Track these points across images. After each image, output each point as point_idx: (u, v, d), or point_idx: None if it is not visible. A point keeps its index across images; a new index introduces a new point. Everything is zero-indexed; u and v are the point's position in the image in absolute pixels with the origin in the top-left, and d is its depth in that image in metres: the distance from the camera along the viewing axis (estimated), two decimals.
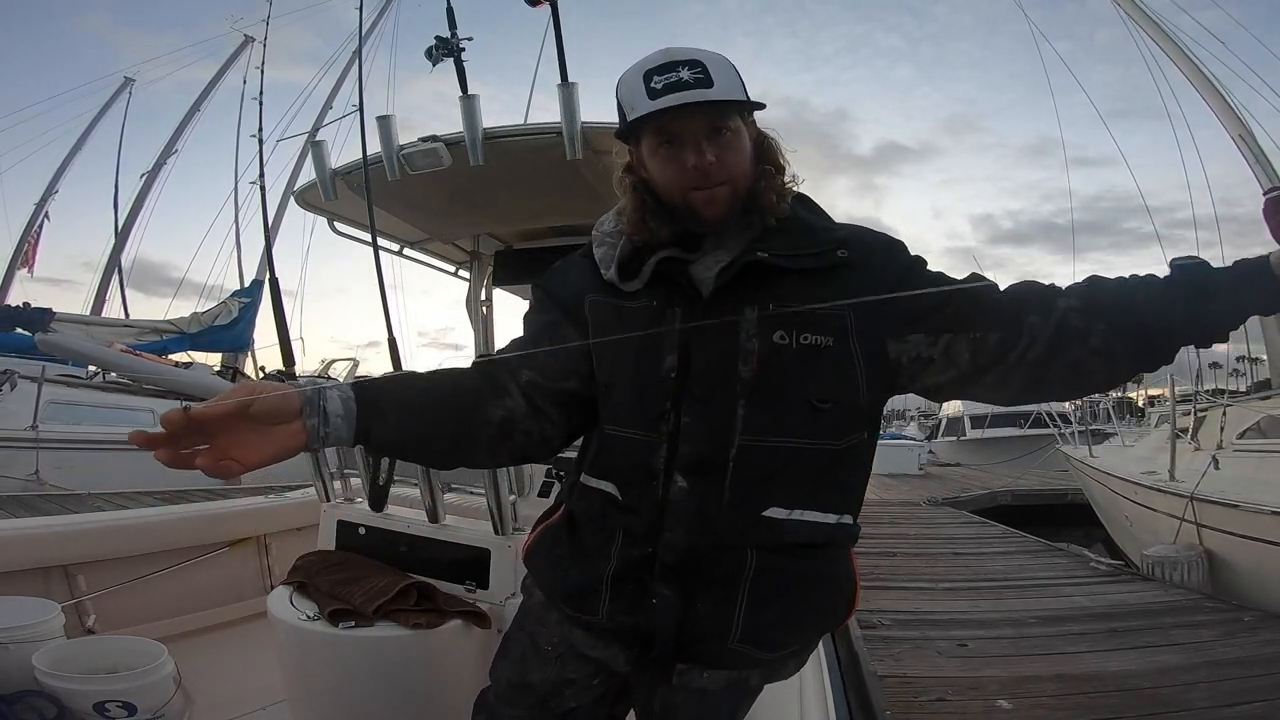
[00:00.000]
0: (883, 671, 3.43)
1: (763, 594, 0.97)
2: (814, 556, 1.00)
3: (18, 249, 17.42)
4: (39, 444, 7.92)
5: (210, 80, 18.37)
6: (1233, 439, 5.96)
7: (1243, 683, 3.32)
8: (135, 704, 1.80)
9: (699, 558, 0.96)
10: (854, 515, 1.04)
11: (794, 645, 1.05)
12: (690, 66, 0.92)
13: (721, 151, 0.94)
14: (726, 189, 0.96)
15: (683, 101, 0.90)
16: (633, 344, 0.97)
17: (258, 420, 0.88)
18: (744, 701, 1.08)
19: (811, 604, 1.02)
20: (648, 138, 0.98)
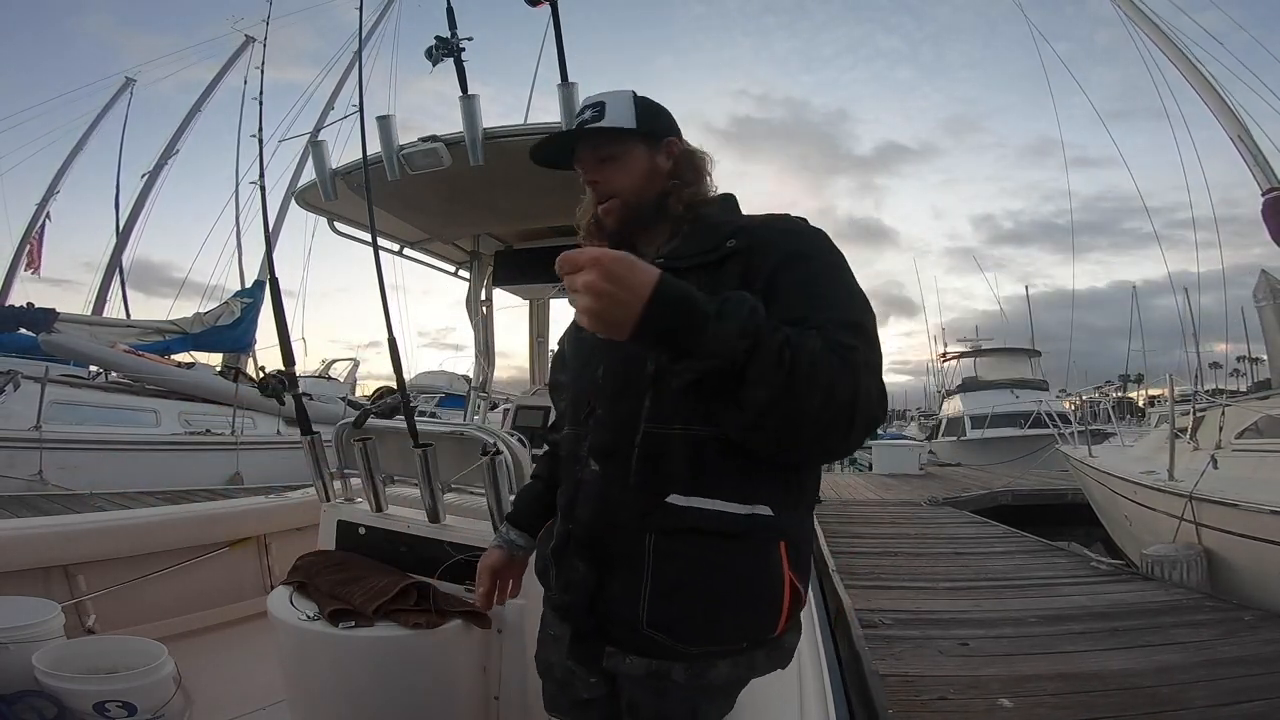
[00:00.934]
0: (884, 670, 3.43)
1: (667, 579, 1.00)
2: (720, 547, 0.99)
3: (19, 249, 17.43)
4: (42, 444, 7.93)
5: (211, 80, 18.41)
6: (1231, 439, 5.97)
7: (1242, 681, 3.33)
8: (135, 704, 1.80)
9: (605, 536, 1.04)
10: (774, 508, 1.01)
11: (710, 643, 1.02)
12: (594, 108, 1.15)
13: (607, 172, 1.15)
14: (617, 201, 1.15)
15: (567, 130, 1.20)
16: (576, 360, 1.16)
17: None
18: (703, 703, 1.07)
19: (721, 597, 1.00)
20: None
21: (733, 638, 1.03)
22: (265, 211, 2.68)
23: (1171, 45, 9.25)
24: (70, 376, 9.59)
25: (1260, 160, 7.92)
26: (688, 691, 1.04)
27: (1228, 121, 8.37)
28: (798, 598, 1.05)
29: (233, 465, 9.71)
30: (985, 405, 20.55)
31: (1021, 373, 23.07)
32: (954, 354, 27.64)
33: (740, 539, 1.00)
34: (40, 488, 7.67)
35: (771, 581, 1.02)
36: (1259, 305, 7.80)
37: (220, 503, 3.20)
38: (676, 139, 1.20)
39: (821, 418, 0.85)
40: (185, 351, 11.75)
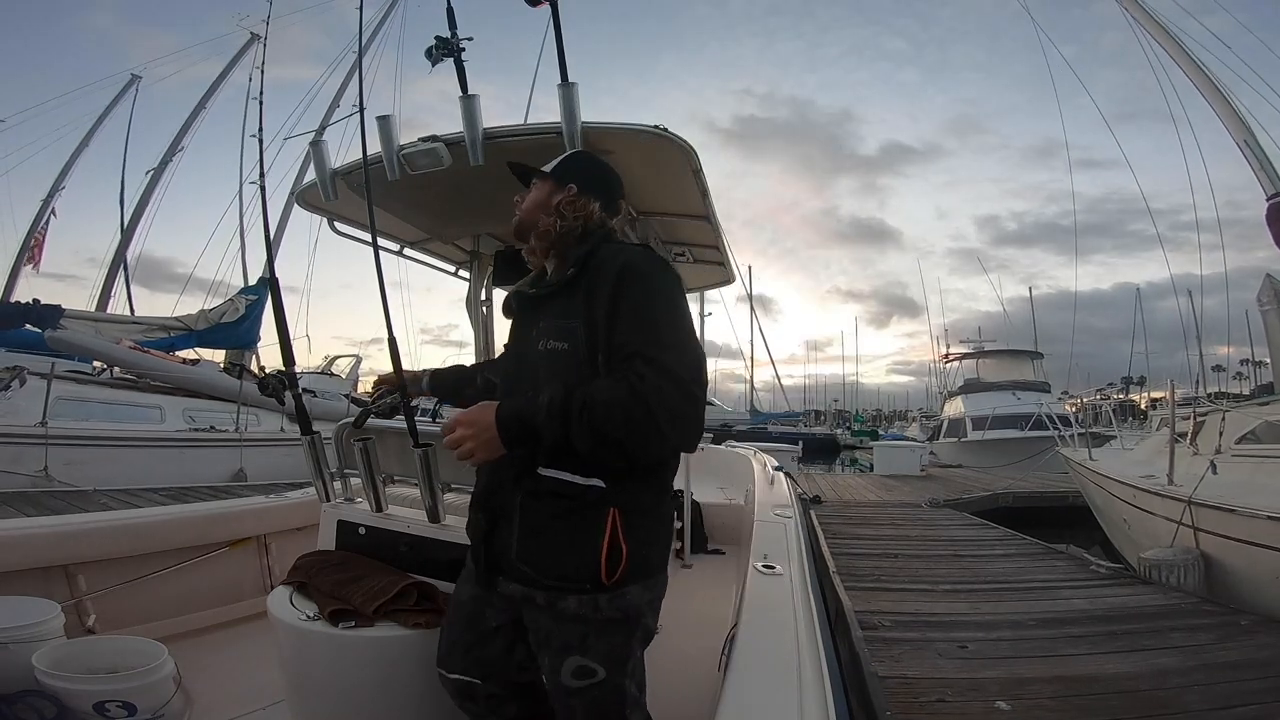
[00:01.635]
0: (883, 672, 3.44)
1: (528, 525, 1.39)
2: (564, 508, 1.35)
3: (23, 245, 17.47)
4: (48, 440, 7.95)
5: (216, 78, 18.45)
6: (1231, 444, 5.97)
7: (1239, 685, 3.33)
8: (135, 704, 1.80)
9: (493, 493, 1.46)
10: (608, 483, 1.34)
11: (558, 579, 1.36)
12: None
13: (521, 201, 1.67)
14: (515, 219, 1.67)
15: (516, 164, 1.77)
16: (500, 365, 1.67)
17: None
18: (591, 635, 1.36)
19: (564, 544, 1.36)
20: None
21: (574, 578, 1.35)
22: (265, 213, 2.68)
23: (1178, 48, 9.23)
24: (75, 373, 9.62)
25: (1265, 164, 7.90)
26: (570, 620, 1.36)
27: (1233, 125, 8.36)
28: (617, 556, 1.33)
29: (237, 462, 9.74)
30: (987, 407, 20.54)
31: (1024, 374, 23.04)
32: (956, 355, 27.63)
33: (577, 502, 1.35)
34: (45, 484, 7.70)
35: (595, 538, 1.33)
36: (1263, 309, 7.78)
37: (220, 502, 3.20)
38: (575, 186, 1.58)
39: (629, 439, 1.25)
40: (190, 348, 11.79)
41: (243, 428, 10.09)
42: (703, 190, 2.72)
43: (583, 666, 1.36)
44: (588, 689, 1.37)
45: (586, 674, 1.36)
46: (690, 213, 3.03)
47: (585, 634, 1.36)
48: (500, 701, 1.57)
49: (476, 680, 1.55)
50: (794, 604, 1.72)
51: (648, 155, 2.46)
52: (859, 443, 36.73)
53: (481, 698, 1.56)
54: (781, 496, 3.61)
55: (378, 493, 2.24)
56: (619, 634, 1.39)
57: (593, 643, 1.37)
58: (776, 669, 1.31)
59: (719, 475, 5.27)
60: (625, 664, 1.40)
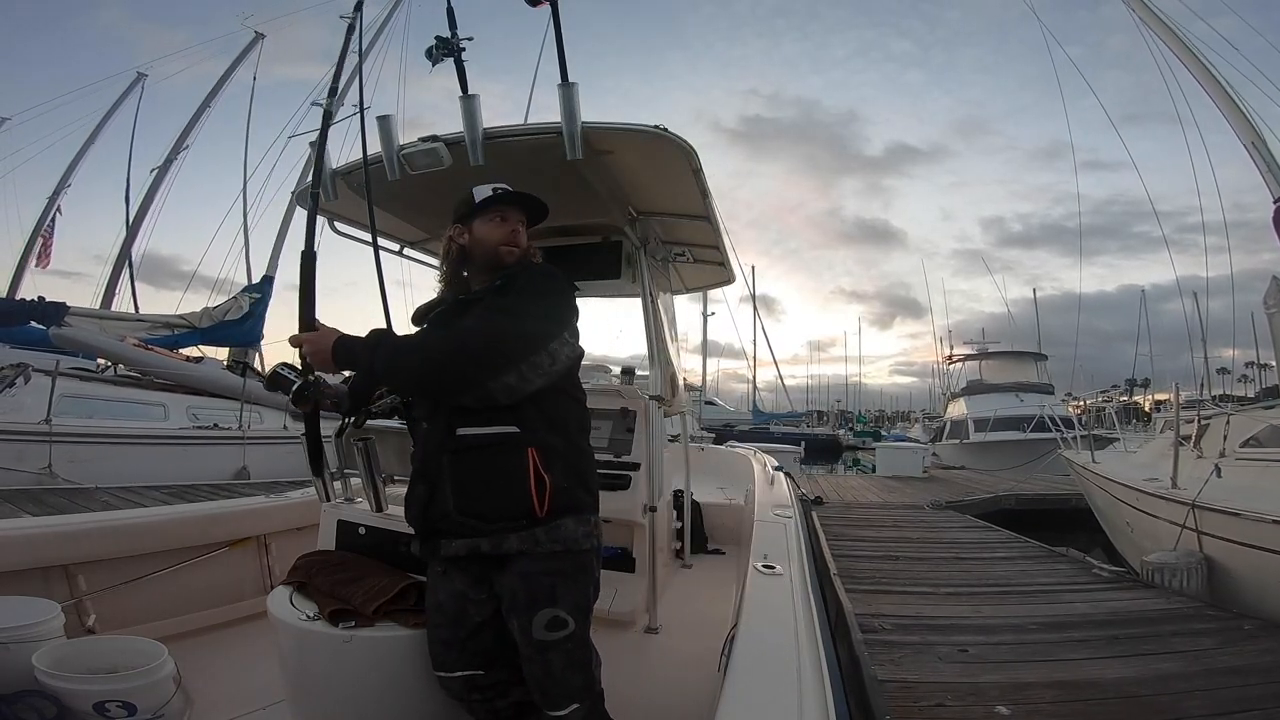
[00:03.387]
0: (883, 676, 3.43)
1: (459, 479, 1.59)
2: (488, 456, 1.58)
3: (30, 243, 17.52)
4: (52, 438, 7.97)
5: (221, 76, 18.48)
6: (1235, 447, 5.94)
7: (1241, 691, 3.32)
8: (135, 704, 1.80)
9: (427, 461, 1.65)
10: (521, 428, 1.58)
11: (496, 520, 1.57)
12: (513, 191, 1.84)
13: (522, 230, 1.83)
14: (518, 250, 1.80)
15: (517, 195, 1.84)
16: None
17: None
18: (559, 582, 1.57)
19: (496, 486, 1.57)
20: (489, 212, 1.80)
21: (511, 514, 1.56)
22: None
23: (1186, 50, 9.18)
24: (79, 370, 9.64)
25: (1273, 166, 7.87)
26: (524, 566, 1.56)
27: (1241, 127, 8.32)
28: (543, 487, 1.56)
29: (240, 459, 9.76)
30: (990, 408, 20.49)
31: (1027, 376, 22.97)
32: (960, 356, 27.57)
33: (499, 449, 1.57)
34: (49, 481, 7.73)
35: (521, 475, 1.56)
36: (1269, 311, 7.76)
37: (220, 502, 3.20)
38: None
39: (423, 369, 1.55)
40: (193, 345, 11.82)
41: (246, 425, 10.11)
42: (703, 190, 2.72)
43: (555, 618, 1.54)
44: (561, 641, 1.54)
45: (559, 625, 1.54)
46: (690, 213, 3.03)
47: (554, 585, 1.56)
48: (506, 686, 1.67)
49: (479, 672, 1.64)
50: (794, 604, 1.72)
51: (648, 155, 2.46)
52: (861, 444, 36.69)
53: (485, 685, 1.66)
54: (782, 497, 3.60)
55: (378, 493, 2.24)
56: (574, 578, 1.60)
57: (561, 593, 1.56)
58: (776, 669, 1.31)
59: (719, 475, 5.26)
60: (588, 615, 1.64)
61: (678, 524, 3.95)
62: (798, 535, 2.61)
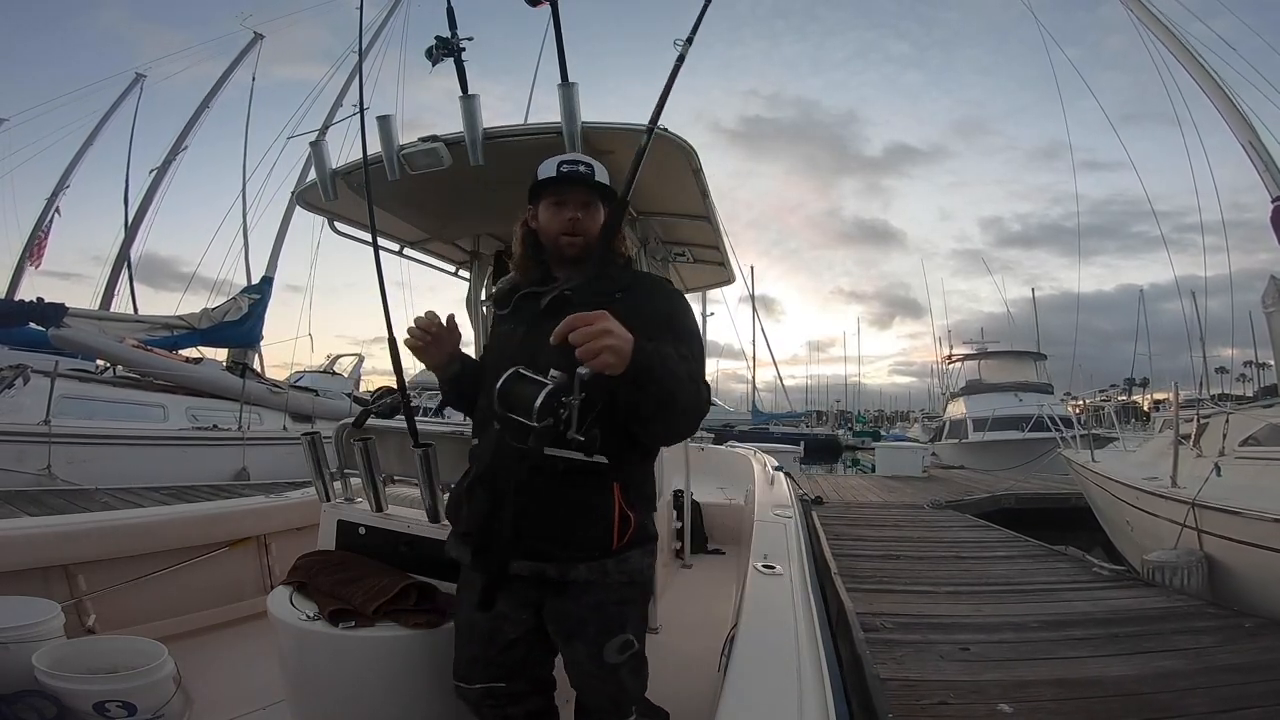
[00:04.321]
0: (885, 674, 3.43)
1: (540, 500, 1.42)
2: (574, 483, 1.43)
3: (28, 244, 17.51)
4: (51, 438, 7.97)
5: (220, 77, 18.47)
6: (1235, 446, 5.94)
7: (1242, 689, 3.32)
8: (135, 704, 1.80)
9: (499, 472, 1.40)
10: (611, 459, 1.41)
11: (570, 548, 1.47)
12: (585, 165, 1.61)
13: (586, 216, 1.59)
14: (581, 239, 1.58)
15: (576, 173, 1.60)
16: (499, 354, 1.54)
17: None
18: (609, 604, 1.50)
19: (577, 516, 1.47)
20: (548, 195, 1.61)
21: (586, 545, 1.48)
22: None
23: (1183, 50, 9.19)
24: (79, 371, 9.64)
25: (1270, 166, 7.87)
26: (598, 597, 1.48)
27: (1238, 127, 8.32)
28: (627, 522, 1.50)
29: (239, 460, 9.76)
30: (989, 408, 20.48)
31: (1026, 376, 22.96)
32: (959, 356, 27.54)
33: (587, 477, 1.41)
34: (48, 482, 7.72)
35: (607, 510, 1.48)
36: (1267, 311, 7.76)
37: (220, 502, 3.20)
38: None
39: (688, 415, 1.41)
40: (193, 346, 11.81)
41: (245, 426, 10.11)
42: (703, 190, 2.72)
43: (626, 641, 1.52)
44: (629, 660, 1.53)
45: (628, 647, 1.52)
46: (690, 213, 3.03)
47: (624, 613, 1.53)
48: (523, 696, 1.65)
49: (501, 684, 1.61)
50: (794, 604, 1.72)
51: (648, 155, 2.45)
52: (861, 443, 36.68)
53: (504, 695, 1.63)
54: (781, 496, 3.61)
55: (378, 493, 2.24)
56: (639, 602, 1.59)
57: (630, 618, 1.54)
58: (776, 669, 1.31)
59: (719, 475, 5.26)
60: (644, 630, 1.62)
61: (678, 524, 3.95)
62: (798, 535, 2.61)
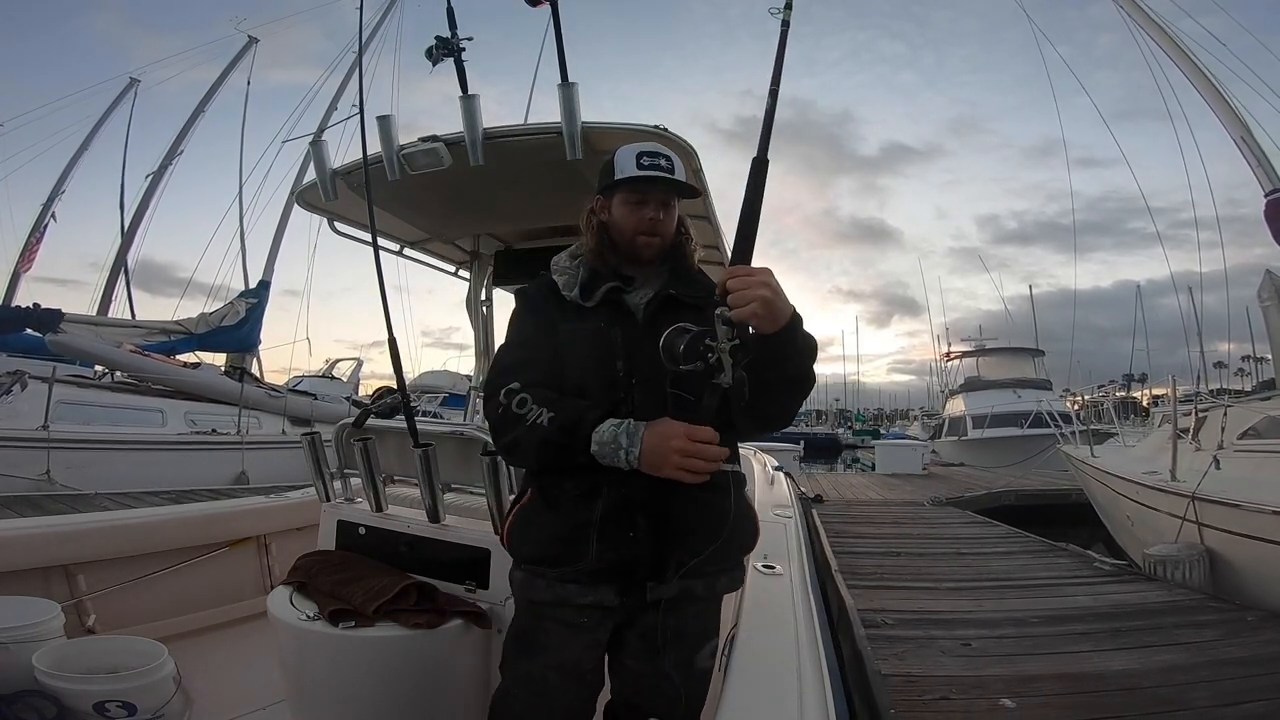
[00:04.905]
0: (887, 670, 3.42)
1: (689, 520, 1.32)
2: (726, 494, 1.35)
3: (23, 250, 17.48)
4: (49, 444, 7.96)
5: (215, 81, 18.45)
6: (1233, 439, 5.95)
7: (1245, 682, 3.32)
8: (135, 704, 1.80)
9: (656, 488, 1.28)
10: (736, 464, 1.44)
11: (721, 561, 1.41)
12: (667, 159, 1.48)
13: (666, 215, 1.49)
14: (659, 240, 1.49)
15: (659, 175, 1.45)
16: (593, 357, 1.41)
17: None
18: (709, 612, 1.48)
19: (714, 527, 1.34)
20: (624, 192, 1.48)
21: (733, 557, 1.49)
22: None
23: (1175, 46, 9.22)
24: (77, 376, 9.63)
25: (1263, 161, 7.89)
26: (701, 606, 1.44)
27: (1230, 123, 8.35)
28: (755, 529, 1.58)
29: (238, 464, 9.76)
30: (988, 405, 20.50)
31: (1025, 372, 22.98)
32: (957, 353, 27.56)
33: (733, 487, 1.37)
34: (47, 487, 7.71)
35: (752, 515, 1.54)
36: (1263, 305, 7.77)
37: (220, 503, 3.20)
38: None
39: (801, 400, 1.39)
40: (190, 351, 11.80)
41: (244, 431, 10.10)
42: (703, 190, 2.72)
43: (714, 645, 1.49)
44: (712, 664, 1.48)
45: (713, 651, 1.48)
46: (690, 212, 3.02)
47: (716, 617, 1.51)
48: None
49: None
50: (794, 604, 1.71)
51: None
52: (860, 442, 36.69)
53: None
54: (782, 496, 3.60)
55: (378, 493, 2.24)
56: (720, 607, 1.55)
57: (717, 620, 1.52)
58: (776, 669, 1.30)
59: None
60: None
61: None
62: (798, 535, 2.61)
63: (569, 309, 1.46)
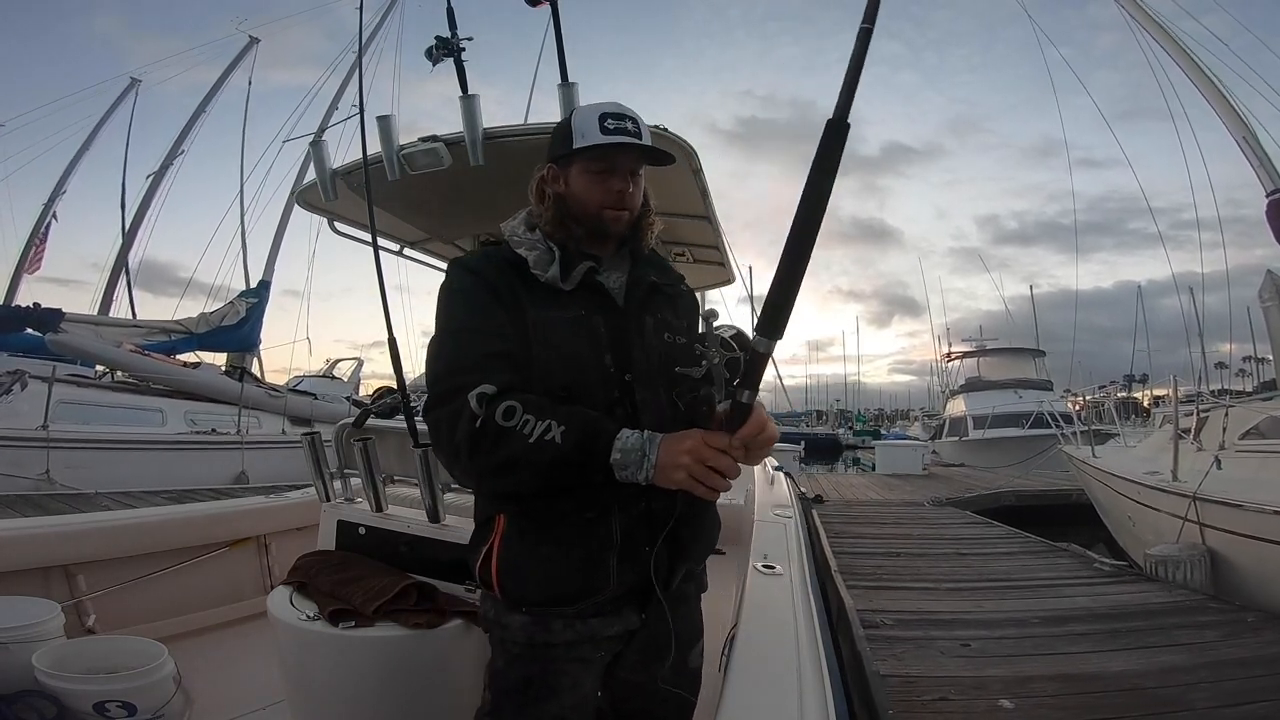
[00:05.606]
0: (886, 671, 3.42)
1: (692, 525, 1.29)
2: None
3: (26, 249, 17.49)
4: (49, 443, 7.97)
5: (215, 81, 18.48)
6: (1235, 440, 5.94)
7: (1245, 683, 3.31)
8: (135, 704, 1.80)
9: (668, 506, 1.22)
10: None
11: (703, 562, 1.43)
12: (633, 122, 1.28)
13: (635, 187, 1.30)
14: (629, 214, 1.31)
15: (628, 141, 1.25)
16: (582, 351, 1.22)
17: None
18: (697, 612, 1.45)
19: (712, 530, 1.40)
20: (585, 160, 1.27)
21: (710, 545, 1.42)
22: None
23: (1176, 46, 9.21)
24: (77, 376, 9.64)
25: (1265, 161, 7.87)
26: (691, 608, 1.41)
27: (1232, 123, 8.33)
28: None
29: (238, 464, 9.77)
30: (988, 405, 20.48)
31: (1026, 373, 22.97)
32: (958, 354, 27.55)
33: None
34: (47, 487, 7.73)
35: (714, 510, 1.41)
36: (1264, 305, 7.76)
37: (220, 503, 3.20)
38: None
39: None
40: (191, 351, 11.82)
41: (244, 430, 10.11)
42: (702, 190, 2.71)
43: (704, 643, 1.45)
44: (702, 662, 1.44)
45: (703, 650, 1.44)
46: (690, 213, 3.03)
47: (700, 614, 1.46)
48: None
49: None
50: (794, 604, 1.71)
51: None
52: (861, 442, 36.67)
53: None
54: (781, 496, 3.60)
55: (378, 493, 2.24)
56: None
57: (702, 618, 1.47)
58: (776, 669, 1.30)
59: None
60: None
61: None
62: (798, 535, 2.61)
63: (539, 292, 1.22)
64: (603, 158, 1.26)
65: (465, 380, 1.11)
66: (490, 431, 1.07)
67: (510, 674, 1.25)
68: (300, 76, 45.23)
